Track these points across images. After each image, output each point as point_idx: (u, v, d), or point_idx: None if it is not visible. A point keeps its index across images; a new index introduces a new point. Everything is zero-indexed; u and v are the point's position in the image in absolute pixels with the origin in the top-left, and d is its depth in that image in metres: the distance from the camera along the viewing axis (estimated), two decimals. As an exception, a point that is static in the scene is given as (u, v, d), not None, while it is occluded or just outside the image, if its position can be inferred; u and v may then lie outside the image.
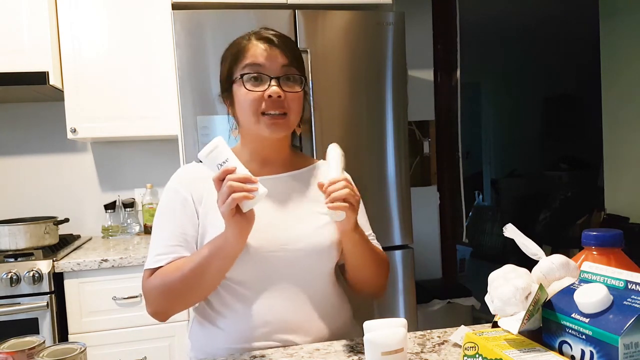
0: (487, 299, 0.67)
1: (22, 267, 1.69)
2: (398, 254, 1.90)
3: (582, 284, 0.62)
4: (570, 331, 0.59)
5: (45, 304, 1.68)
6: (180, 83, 1.70)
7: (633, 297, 0.56)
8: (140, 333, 1.78)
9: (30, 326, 1.67)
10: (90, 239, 2.22)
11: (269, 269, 0.96)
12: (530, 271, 0.68)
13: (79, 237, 2.23)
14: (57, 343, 0.85)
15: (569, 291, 0.62)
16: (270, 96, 0.95)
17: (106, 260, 1.74)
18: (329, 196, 0.89)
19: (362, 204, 1.11)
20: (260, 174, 1.02)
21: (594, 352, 0.55)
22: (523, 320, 0.60)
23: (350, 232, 0.95)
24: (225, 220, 0.86)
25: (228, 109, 1.05)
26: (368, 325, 0.75)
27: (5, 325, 1.65)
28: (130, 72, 2.03)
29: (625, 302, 0.56)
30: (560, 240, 4.24)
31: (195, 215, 0.99)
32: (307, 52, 1.77)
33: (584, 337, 0.57)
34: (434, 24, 2.72)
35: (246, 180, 0.83)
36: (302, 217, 1.00)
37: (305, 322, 0.97)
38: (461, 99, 2.81)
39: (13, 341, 0.74)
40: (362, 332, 0.76)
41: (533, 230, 4.77)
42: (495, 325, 0.69)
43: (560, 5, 4.16)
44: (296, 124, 1.03)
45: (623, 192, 3.24)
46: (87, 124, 2.01)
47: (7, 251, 1.80)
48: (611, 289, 0.59)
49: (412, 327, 1.19)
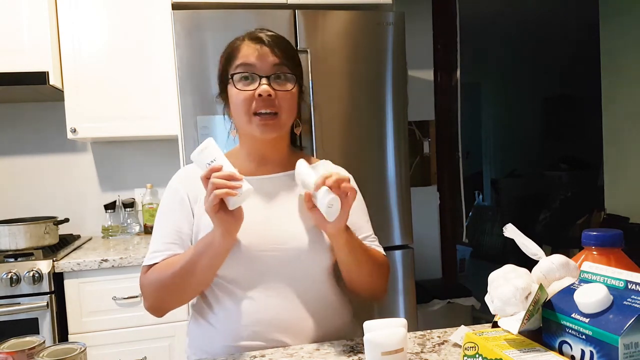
0: (487, 299, 0.67)
1: (22, 267, 1.69)
2: (398, 254, 1.90)
3: (582, 284, 0.62)
4: (570, 331, 0.59)
5: (45, 304, 1.68)
6: (180, 83, 1.70)
7: (633, 297, 0.56)
8: (140, 333, 1.78)
9: (30, 326, 1.67)
10: (90, 239, 2.22)
11: (261, 267, 0.96)
12: (530, 271, 0.68)
13: (79, 237, 2.23)
14: (57, 343, 0.85)
15: (569, 291, 0.62)
16: (260, 95, 0.95)
17: (106, 260, 1.74)
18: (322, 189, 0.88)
19: (364, 205, 1.11)
20: (257, 173, 1.03)
21: (594, 352, 0.55)
22: (523, 320, 0.60)
23: (338, 231, 0.93)
24: (210, 218, 0.88)
25: (224, 109, 1.06)
26: (368, 325, 0.76)
27: (5, 325, 1.65)
28: (130, 72, 2.03)
29: (625, 302, 0.56)
30: (560, 240, 4.24)
31: (191, 214, 1.01)
32: (307, 52, 1.77)
33: (584, 337, 0.57)
34: (434, 24, 2.72)
35: (230, 177, 0.84)
36: (297, 216, 1.00)
37: (298, 322, 0.96)
38: (461, 99, 2.81)
39: (13, 341, 0.74)
40: (362, 332, 0.76)
41: (533, 230, 4.77)
42: (495, 325, 0.69)
43: (560, 5, 4.16)
44: (289, 123, 1.03)
45: (623, 192, 3.25)
46: (87, 124, 2.01)
47: (7, 251, 1.80)
48: (611, 289, 0.59)
49: (412, 327, 1.19)
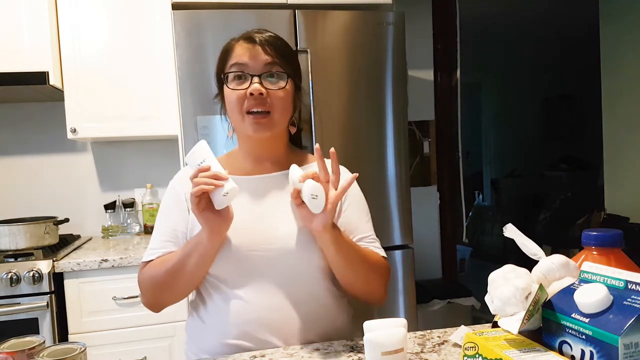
0: (487, 299, 0.67)
1: (22, 267, 1.69)
2: (398, 254, 1.90)
3: (582, 284, 0.62)
4: (570, 331, 0.59)
5: (45, 304, 1.68)
6: (180, 83, 1.70)
7: (633, 297, 0.56)
8: (140, 333, 1.78)
9: (30, 326, 1.67)
10: (90, 239, 2.22)
11: (251, 267, 0.96)
12: (530, 271, 0.68)
13: (79, 237, 2.23)
14: (57, 343, 0.85)
15: (569, 291, 0.62)
16: (252, 94, 0.95)
17: (106, 260, 1.74)
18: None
19: (365, 205, 1.10)
20: (253, 172, 1.03)
21: (594, 352, 0.55)
22: (523, 320, 0.60)
23: (324, 228, 0.90)
24: (196, 216, 0.89)
25: (221, 109, 1.07)
26: (368, 325, 0.75)
27: (5, 325, 1.65)
28: (130, 72, 2.03)
29: (625, 302, 0.56)
30: (560, 240, 4.24)
31: (187, 213, 1.02)
32: (307, 52, 1.77)
33: (584, 337, 0.57)
34: (434, 24, 2.72)
35: (215, 176, 0.86)
36: (290, 216, 0.99)
37: (289, 323, 0.95)
38: (461, 99, 2.81)
39: (13, 341, 0.74)
40: (361, 332, 0.76)
41: (533, 230, 4.77)
42: (495, 325, 0.69)
43: (560, 6, 4.16)
44: (283, 122, 1.02)
45: (623, 192, 3.24)
46: (87, 124, 2.01)
47: (7, 251, 1.80)
48: (611, 289, 0.59)
49: (412, 327, 1.18)
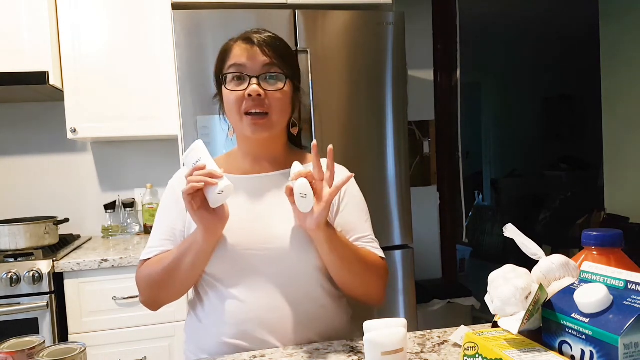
0: (487, 299, 0.67)
1: (22, 267, 1.69)
2: (398, 254, 1.90)
3: (582, 284, 0.62)
4: (570, 331, 0.59)
5: (45, 304, 1.68)
6: (180, 83, 1.70)
7: (633, 297, 0.56)
8: (140, 333, 1.78)
9: (30, 326, 1.67)
10: (90, 239, 2.22)
11: (248, 266, 0.96)
12: (530, 271, 0.68)
13: (79, 237, 2.23)
14: (57, 343, 0.85)
15: (569, 291, 0.62)
16: (250, 95, 0.96)
17: (106, 260, 1.74)
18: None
19: (364, 205, 1.10)
20: (251, 172, 1.04)
21: (594, 352, 0.55)
22: (523, 320, 0.60)
23: (317, 227, 0.90)
24: (190, 215, 0.89)
25: (220, 109, 1.07)
26: (368, 325, 0.75)
27: (5, 325, 1.65)
28: (130, 72, 2.03)
29: (625, 302, 0.56)
30: (560, 240, 4.24)
31: (185, 211, 1.01)
32: (307, 52, 1.77)
33: (584, 337, 0.57)
34: (434, 24, 2.72)
35: (209, 174, 0.86)
36: (285, 215, 0.99)
37: (285, 323, 0.95)
38: (461, 99, 2.81)
39: (13, 341, 0.74)
40: (360, 332, 0.76)
41: (533, 230, 4.77)
42: (495, 325, 0.69)
43: (560, 5, 4.16)
44: (281, 123, 1.02)
45: (623, 192, 3.25)
46: (87, 124, 2.01)
47: (7, 251, 1.80)
48: (611, 289, 0.58)
49: (412, 327, 1.18)
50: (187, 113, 1.71)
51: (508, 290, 0.63)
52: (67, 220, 2.07)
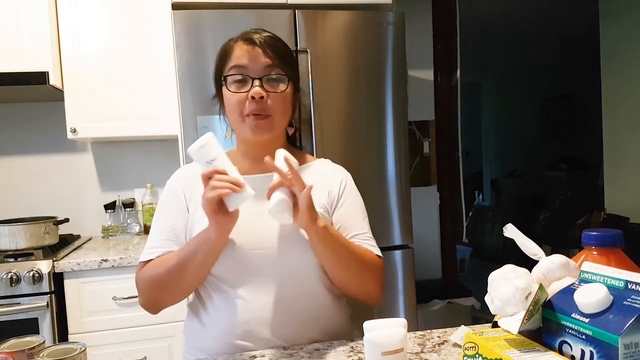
0: (487, 299, 0.67)
1: (22, 267, 1.69)
2: (398, 254, 1.90)
3: (582, 284, 0.62)
4: (570, 331, 0.59)
5: (45, 304, 1.67)
6: (180, 83, 1.70)
7: (633, 297, 0.56)
8: (140, 333, 1.78)
9: (30, 326, 1.67)
10: (90, 239, 2.22)
11: (251, 266, 0.96)
12: (530, 271, 0.68)
13: (79, 237, 2.23)
14: (57, 343, 0.85)
15: (569, 291, 0.62)
16: (253, 97, 0.95)
17: (106, 260, 1.74)
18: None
19: (361, 202, 1.11)
20: (251, 172, 1.03)
21: (594, 352, 0.55)
22: (523, 320, 0.60)
23: (308, 225, 0.90)
24: (208, 217, 0.87)
25: (220, 110, 1.07)
26: (368, 325, 0.75)
27: (5, 325, 1.65)
28: (130, 72, 2.03)
29: (625, 302, 0.56)
30: (560, 240, 4.24)
31: (186, 211, 1.02)
32: (307, 52, 1.77)
33: (584, 337, 0.57)
34: (434, 24, 2.72)
35: (235, 182, 0.84)
36: None
37: (288, 322, 0.96)
38: (461, 99, 2.81)
39: (13, 341, 0.74)
40: (360, 332, 0.76)
41: (533, 230, 4.77)
42: (495, 325, 0.69)
43: (560, 6, 4.16)
44: (282, 124, 1.03)
45: (623, 192, 3.25)
46: (87, 124, 2.01)
47: (7, 251, 1.80)
48: (611, 289, 0.58)
49: (412, 327, 1.18)
50: (187, 113, 1.71)
51: (508, 290, 0.63)
52: (67, 220, 2.07)
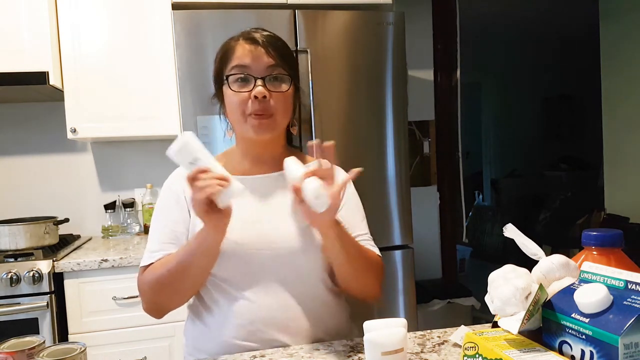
0: (487, 299, 0.67)
1: (22, 267, 1.69)
2: (398, 254, 1.90)
3: (582, 284, 0.62)
4: (570, 331, 0.59)
5: (45, 304, 1.67)
6: (180, 83, 1.70)
7: (633, 297, 0.56)
8: (140, 333, 1.78)
9: (30, 326, 1.66)
10: (90, 239, 2.22)
11: (255, 267, 0.96)
12: (530, 271, 0.68)
13: (79, 237, 2.23)
14: (57, 343, 0.85)
15: (569, 291, 0.62)
16: (255, 97, 0.95)
17: (106, 260, 1.74)
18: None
19: (359, 203, 1.11)
20: (251, 172, 1.03)
21: (594, 352, 0.55)
22: (523, 320, 0.60)
23: (329, 225, 0.90)
24: (200, 218, 0.86)
25: (220, 109, 1.06)
26: (368, 325, 0.75)
27: (5, 325, 1.65)
28: (130, 72, 2.03)
29: (625, 302, 0.56)
30: (560, 240, 4.24)
31: (187, 213, 1.01)
32: (307, 52, 1.77)
33: (584, 337, 0.57)
34: (434, 24, 2.72)
35: (221, 178, 0.82)
36: (290, 216, 0.99)
37: (293, 321, 0.96)
38: (461, 99, 2.81)
39: (13, 341, 0.74)
40: (360, 332, 0.76)
41: (533, 230, 4.77)
42: (495, 325, 0.69)
43: (560, 6, 4.16)
44: (284, 124, 1.02)
45: (623, 192, 3.25)
46: (87, 124, 2.01)
47: (7, 251, 1.80)
48: (611, 289, 0.58)
49: (412, 327, 1.18)
50: (187, 113, 1.71)
51: (508, 290, 0.63)
52: (67, 220, 2.07)
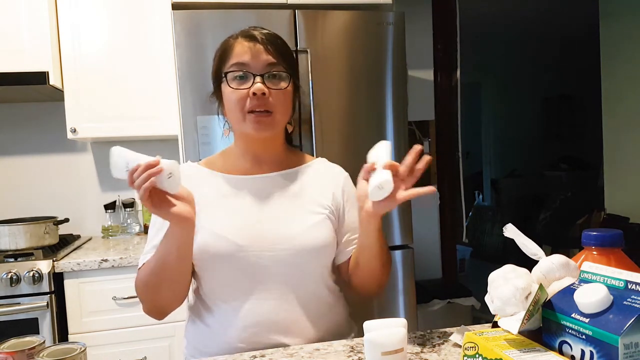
0: (487, 299, 0.67)
1: (22, 267, 1.69)
2: (398, 254, 1.90)
3: (582, 284, 0.62)
4: (570, 331, 0.59)
5: (45, 304, 1.67)
6: (180, 83, 1.70)
7: (633, 297, 0.56)
8: (140, 333, 1.78)
9: (30, 326, 1.67)
10: (90, 239, 2.22)
11: (257, 269, 0.95)
12: (530, 271, 0.68)
13: (79, 237, 2.23)
14: (57, 343, 0.85)
15: (569, 291, 0.62)
16: (254, 94, 0.94)
17: (106, 260, 1.74)
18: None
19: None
20: (251, 172, 1.03)
21: (594, 352, 0.55)
22: (523, 320, 0.60)
23: (376, 215, 0.93)
24: (160, 216, 0.84)
25: (218, 108, 1.06)
26: (368, 325, 0.75)
27: (5, 325, 1.65)
28: (130, 72, 2.03)
29: (625, 302, 0.56)
30: (560, 240, 4.24)
31: None
32: (307, 52, 1.77)
33: (584, 337, 0.57)
34: (434, 24, 2.72)
35: (147, 167, 0.79)
36: (292, 216, 0.99)
37: (295, 323, 0.96)
38: (461, 99, 2.81)
39: (13, 341, 0.74)
40: (359, 332, 0.76)
41: (533, 230, 4.77)
42: (495, 325, 0.69)
43: (560, 5, 4.16)
44: (283, 122, 1.02)
45: (623, 192, 3.24)
46: (87, 124, 2.01)
47: (7, 251, 1.80)
48: (611, 289, 0.58)
49: (412, 327, 1.19)
50: (187, 113, 1.71)
51: (508, 290, 0.63)
52: (67, 220, 2.07)
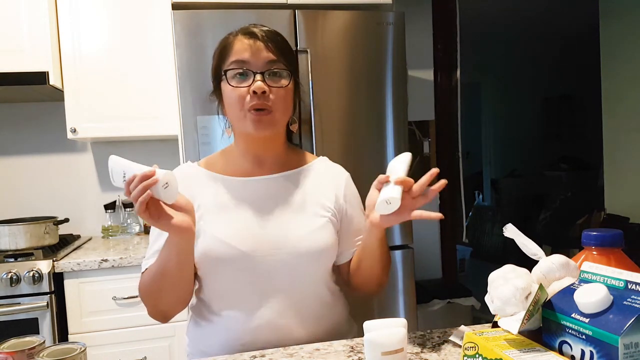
0: (487, 299, 0.67)
1: (22, 267, 1.69)
2: (398, 254, 1.90)
3: (582, 284, 0.62)
4: (570, 331, 0.59)
5: (45, 304, 1.67)
6: (180, 83, 1.70)
7: (633, 297, 0.56)
8: (140, 333, 1.78)
9: (30, 326, 1.67)
10: (90, 239, 2.22)
11: (259, 272, 0.95)
12: (530, 271, 0.68)
13: (79, 237, 2.23)
14: (57, 343, 0.85)
15: (569, 291, 0.62)
16: (255, 92, 0.93)
17: (106, 260, 1.74)
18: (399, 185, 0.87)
19: (360, 203, 1.11)
20: (253, 173, 1.02)
21: (594, 352, 0.55)
22: (523, 320, 0.60)
23: (380, 225, 0.92)
24: (158, 227, 0.83)
25: (218, 107, 1.04)
26: (368, 325, 0.75)
27: (5, 325, 1.65)
28: (130, 72, 2.03)
29: (625, 302, 0.56)
30: (560, 240, 4.24)
31: None
32: (307, 52, 1.77)
33: (584, 337, 0.57)
34: (434, 24, 2.72)
35: (143, 178, 0.78)
36: (295, 220, 0.99)
37: (296, 323, 0.96)
38: (461, 99, 2.81)
39: (13, 341, 0.74)
40: (359, 331, 0.76)
41: (533, 230, 4.77)
42: (495, 325, 0.69)
43: (560, 5, 4.16)
44: (284, 120, 1.01)
45: (623, 192, 3.24)
46: (87, 124, 2.01)
47: (7, 251, 1.80)
48: (611, 289, 0.58)
49: (412, 327, 1.19)
50: (187, 113, 1.71)
51: (508, 290, 0.63)
52: (67, 220, 2.07)
